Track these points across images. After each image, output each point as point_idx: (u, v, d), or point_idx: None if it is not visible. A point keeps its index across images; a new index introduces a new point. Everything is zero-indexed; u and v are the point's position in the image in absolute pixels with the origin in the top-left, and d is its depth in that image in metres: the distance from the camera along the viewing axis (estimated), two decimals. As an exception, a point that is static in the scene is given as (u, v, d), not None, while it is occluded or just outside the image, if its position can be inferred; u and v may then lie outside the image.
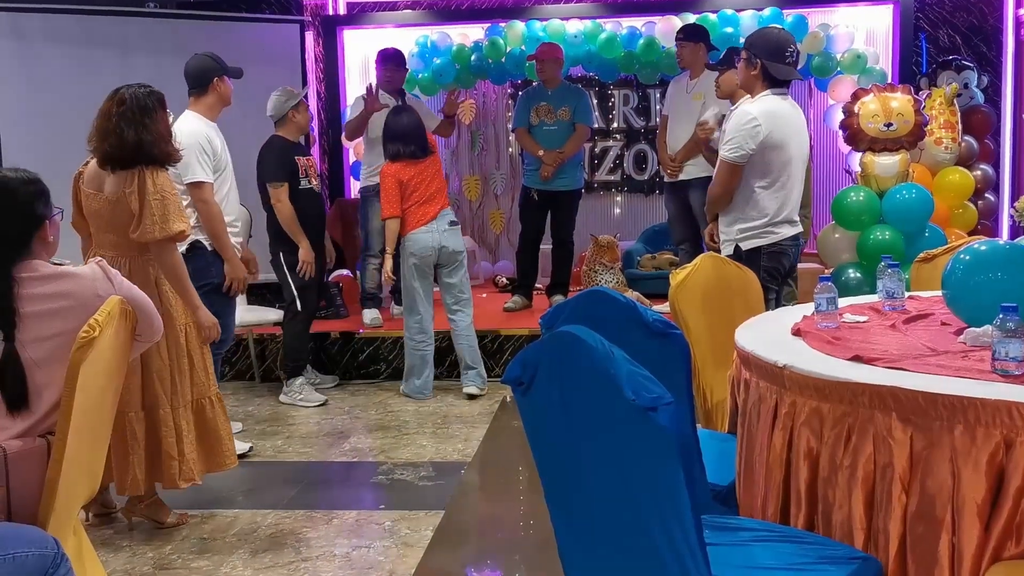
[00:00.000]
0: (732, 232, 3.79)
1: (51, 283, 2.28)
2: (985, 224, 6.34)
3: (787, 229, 3.77)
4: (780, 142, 3.66)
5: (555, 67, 6.19)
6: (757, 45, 3.71)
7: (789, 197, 3.75)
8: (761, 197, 3.70)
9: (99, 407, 2.25)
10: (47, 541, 1.90)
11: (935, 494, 1.77)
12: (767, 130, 3.60)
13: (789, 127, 3.70)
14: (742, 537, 1.96)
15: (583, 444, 1.66)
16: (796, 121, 3.76)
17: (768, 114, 3.62)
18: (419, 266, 5.11)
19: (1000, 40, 6.94)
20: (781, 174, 3.71)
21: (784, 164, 3.70)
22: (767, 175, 3.69)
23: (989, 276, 2.24)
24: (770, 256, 3.74)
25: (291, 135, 5.07)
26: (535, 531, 3.33)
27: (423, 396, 5.27)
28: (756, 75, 3.69)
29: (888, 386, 1.85)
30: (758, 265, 3.63)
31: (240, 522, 3.49)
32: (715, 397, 2.98)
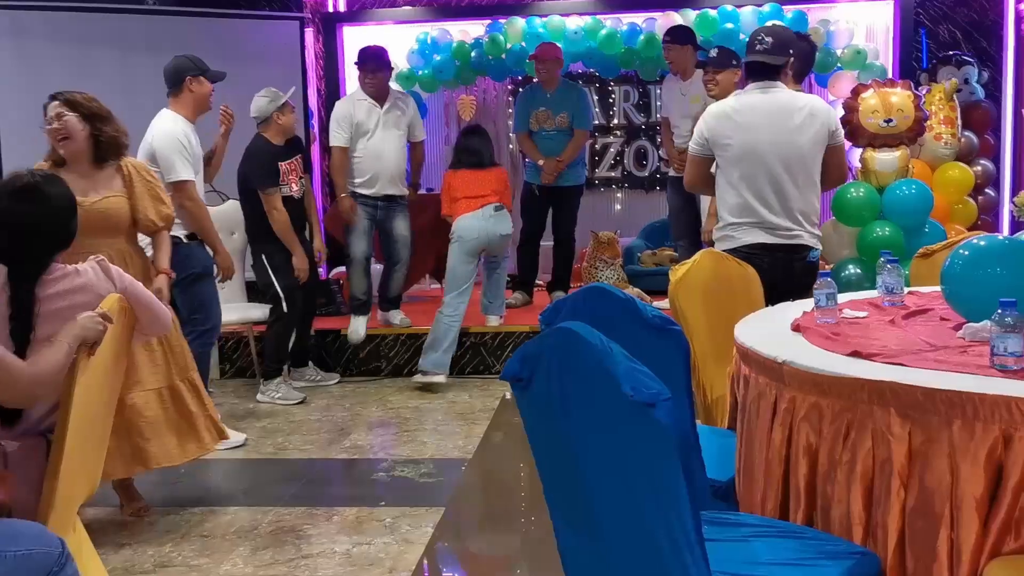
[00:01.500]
0: (715, 233, 3.69)
1: (61, 282, 2.29)
2: (986, 219, 6.34)
3: (754, 235, 3.44)
4: (727, 137, 3.48)
5: (555, 67, 6.20)
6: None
7: (752, 198, 3.44)
8: (721, 196, 3.56)
9: (98, 405, 2.26)
10: (52, 539, 1.91)
11: (934, 489, 1.76)
12: (711, 125, 3.52)
13: (746, 122, 3.45)
14: (741, 533, 1.96)
15: (582, 440, 1.66)
16: (766, 116, 3.44)
17: (719, 107, 3.58)
18: (465, 249, 5.36)
19: (1000, 35, 6.92)
20: (735, 171, 3.47)
21: (737, 161, 3.46)
22: (724, 172, 3.53)
23: (987, 271, 2.24)
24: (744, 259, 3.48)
25: (275, 137, 5.05)
26: (535, 527, 3.34)
27: (438, 373, 5.30)
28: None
29: (887, 381, 1.84)
30: None
31: (241, 519, 3.49)
32: (715, 393, 2.98)
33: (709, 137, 3.55)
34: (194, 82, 4.23)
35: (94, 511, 3.53)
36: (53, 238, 2.34)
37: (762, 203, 3.46)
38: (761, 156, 3.45)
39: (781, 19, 6.39)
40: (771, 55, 3.49)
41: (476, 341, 5.74)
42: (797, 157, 3.46)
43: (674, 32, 5.84)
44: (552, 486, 1.79)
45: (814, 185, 3.53)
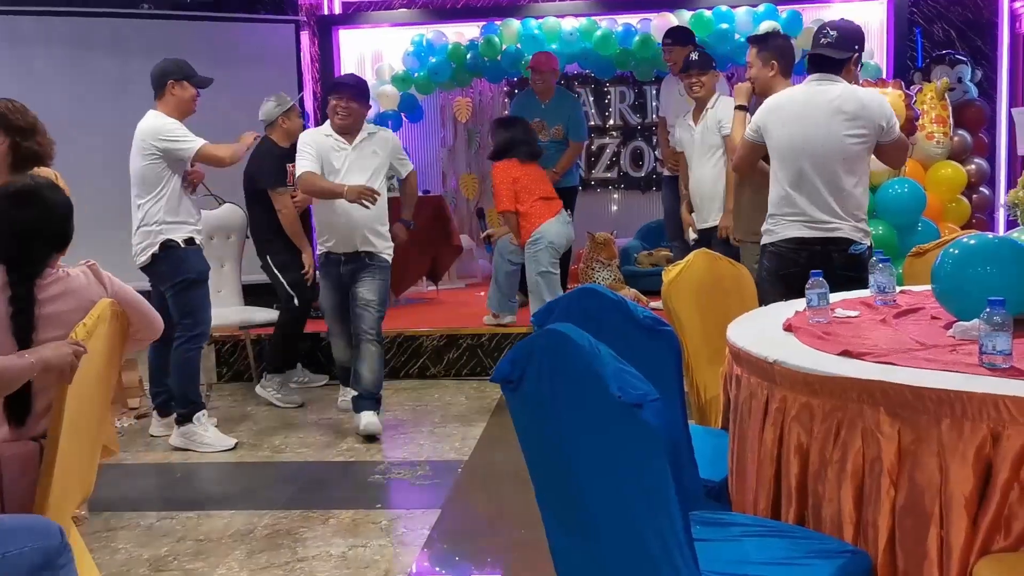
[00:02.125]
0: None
1: (53, 286, 2.29)
2: (980, 218, 6.35)
3: (792, 229, 3.50)
4: (774, 128, 3.55)
5: (552, 78, 6.25)
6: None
7: (792, 191, 3.49)
8: (770, 191, 3.64)
9: (90, 410, 2.26)
10: (50, 529, 1.89)
11: (923, 488, 1.77)
12: (765, 114, 3.61)
13: (791, 114, 3.50)
14: (733, 532, 1.96)
15: (571, 441, 1.66)
16: (814, 108, 3.47)
17: (776, 100, 3.63)
18: (553, 254, 5.39)
19: (995, 34, 6.94)
20: (778, 163, 3.56)
21: (780, 153, 3.54)
22: (772, 164, 3.63)
23: (978, 270, 2.25)
24: (770, 256, 3.59)
25: (281, 140, 5.13)
26: (531, 529, 3.33)
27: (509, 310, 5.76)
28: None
29: (876, 380, 1.85)
30: (764, 262, 3.63)
31: (237, 522, 3.49)
32: (708, 393, 2.99)
33: (761, 125, 3.62)
34: (176, 86, 4.26)
35: (89, 515, 3.53)
36: (51, 241, 2.36)
37: (801, 195, 3.48)
38: (802, 149, 3.47)
39: (776, 19, 6.40)
40: (834, 48, 3.51)
41: (472, 343, 5.75)
42: (839, 151, 3.45)
43: (674, 33, 5.86)
44: (543, 487, 1.80)
45: (858, 179, 3.49)
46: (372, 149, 4.50)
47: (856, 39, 3.65)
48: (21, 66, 6.40)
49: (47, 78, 6.42)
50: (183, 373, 4.36)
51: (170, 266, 4.24)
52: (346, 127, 4.45)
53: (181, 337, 4.31)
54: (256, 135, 4.73)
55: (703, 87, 4.79)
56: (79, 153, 6.23)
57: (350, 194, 4.27)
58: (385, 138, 4.62)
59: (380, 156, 4.52)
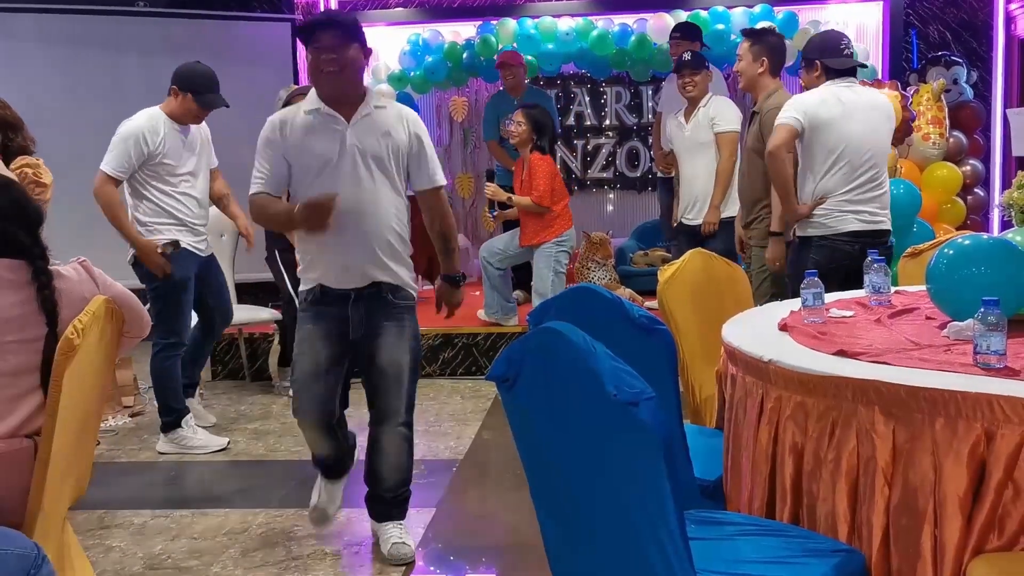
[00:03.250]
0: None
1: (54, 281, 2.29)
2: (975, 219, 6.37)
3: (849, 223, 3.67)
4: (823, 123, 3.65)
5: (520, 72, 6.24)
6: (811, 48, 3.90)
7: (846, 185, 3.66)
8: (807, 183, 3.73)
9: (85, 408, 2.25)
10: (26, 542, 1.90)
11: (917, 487, 1.78)
12: (812, 107, 3.66)
13: (838, 111, 3.66)
14: (727, 531, 1.97)
15: (567, 440, 1.66)
16: (855, 107, 3.68)
17: (816, 94, 3.70)
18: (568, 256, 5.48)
19: (990, 36, 6.96)
20: (826, 159, 3.68)
21: (827, 147, 3.67)
22: (814, 159, 3.70)
23: (972, 270, 2.26)
24: (820, 248, 3.69)
25: None
26: (526, 528, 3.34)
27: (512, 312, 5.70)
28: (818, 75, 3.81)
29: (871, 380, 1.86)
30: (808, 255, 3.66)
31: (231, 521, 3.49)
32: (703, 392, 2.99)
33: (811, 114, 3.66)
34: (178, 95, 4.15)
35: (83, 514, 3.52)
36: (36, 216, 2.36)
37: (860, 190, 3.69)
38: (863, 145, 3.69)
39: (772, 20, 6.41)
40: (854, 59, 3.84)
41: (468, 342, 5.75)
42: (881, 148, 3.79)
43: (683, 28, 5.89)
44: (538, 485, 1.80)
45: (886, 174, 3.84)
46: (384, 129, 2.92)
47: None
48: (16, 63, 6.39)
49: (42, 75, 6.42)
50: (161, 383, 4.26)
51: (146, 269, 4.16)
52: (338, 88, 2.85)
53: (157, 346, 4.23)
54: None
55: (695, 87, 4.85)
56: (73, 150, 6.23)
57: (299, 219, 2.83)
58: (403, 116, 3.00)
59: (393, 140, 2.93)
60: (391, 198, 2.95)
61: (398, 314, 2.99)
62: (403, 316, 3.01)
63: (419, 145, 2.98)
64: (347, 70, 2.84)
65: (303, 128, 2.90)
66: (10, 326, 2.20)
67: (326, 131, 2.89)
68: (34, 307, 2.22)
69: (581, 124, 7.83)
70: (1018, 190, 2.53)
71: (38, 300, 2.22)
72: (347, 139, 2.89)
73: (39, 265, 2.24)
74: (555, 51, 6.85)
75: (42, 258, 2.27)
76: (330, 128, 2.89)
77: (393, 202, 2.96)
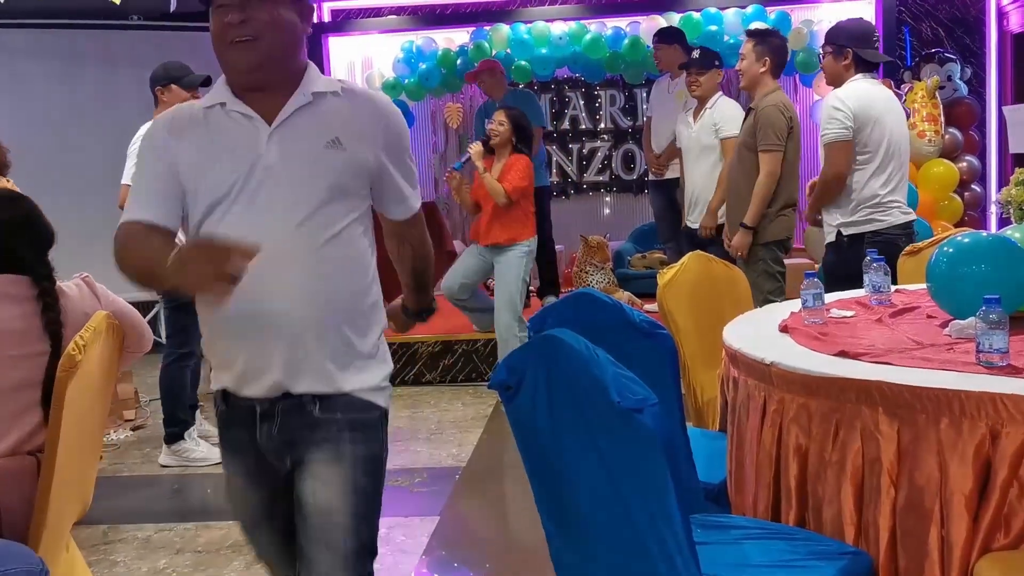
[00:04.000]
0: (832, 220, 3.76)
1: None
2: (972, 215, 6.37)
3: (895, 215, 3.71)
4: (873, 120, 3.64)
5: (497, 76, 6.18)
6: (843, 35, 3.76)
7: (892, 179, 3.69)
8: (858, 180, 3.67)
9: (87, 423, 2.25)
10: (32, 558, 1.90)
11: (923, 487, 1.77)
12: (855, 106, 3.62)
13: (881, 107, 3.68)
14: (733, 535, 1.96)
15: (570, 447, 1.66)
16: (890, 103, 3.74)
17: (855, 92, 3.66)
18: None
19: (983, 32, 6.97)
20: (877, 154, 3.66)
21: (879, 143, 3.65)
22: (863, 156, 3.66)
23: (972, 268, 2.25)
24: (872, 244, 3.61)
25: None
26: (530, 535, 3.33)
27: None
28: (848, 64, 3.73)
29: (874, 380, 1.85)
30: (860, 254, 3.57)
31: (235, 533, 3.48)
32: (705, 395, 2.99)
33: (858, 115, 3.62)
34: (165, 92, 4.19)
35: (87, 530, 3.51)
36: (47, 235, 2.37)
37: (899, 184, 3.73)
38: (897, 141, 3.73)
39: (764, 20, 6.42)
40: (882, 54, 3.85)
41: (468, 348, 5.74)
42: (907, 142, 3.86)
43: (662, 32, 5.90)
44: (543, 493, 1.79)
45: None
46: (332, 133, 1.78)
47: None
48: (12, 78, 6.40)
49: (38, 90, 6.42)
50: (171, 392, 4.26)
51: None
52: (254, 67, 1.76)
53: (170, 355, 4.23)
54: None
55: (700, 87, 4.82)
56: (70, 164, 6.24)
57: (172, 271, 1.55)
58: (374, 108, 1.85)
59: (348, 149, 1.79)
60: (340, 250, 1.80)
61: (333, 435, 1.81)
62: (341, 438, 1.82)
63: (394, 157, 1.86)
64: (268, 38, 1.74)
65: (200, 133, 1.79)
66: (11, 340, 2.19)
67: (233, 138, 1.77)
68: (36, 322, 2.22)
69: (576, 128, 7.83)
70: (1016, 187, 2.53)
71: (42, 319, 2.22)
72: (264, 151, 1.76)
73: (44, 286, 2.24)
74: (549, 55, 6.85)
75: (48, 279, 2.27)
76: (240, 132, 1.78)
77: (345, 255, 1.81)
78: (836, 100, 3.66)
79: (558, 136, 7.81)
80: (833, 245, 3.79)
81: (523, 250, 5.08)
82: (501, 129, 5.05)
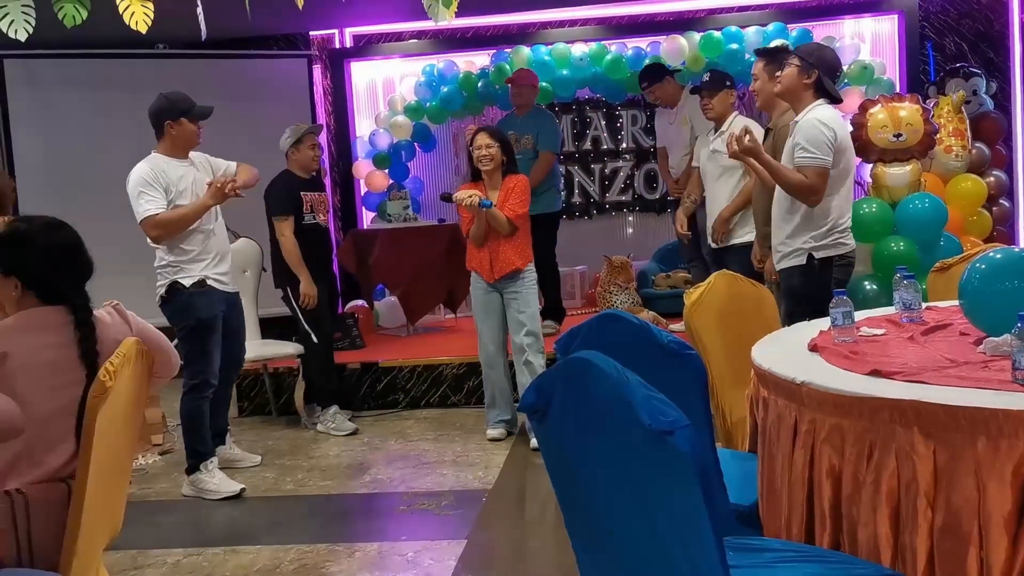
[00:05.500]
0: (800, 242, 3.68)
1: None
2: (1001, 230, 6.30)
3: (852, 239, 3.77)
4: (846, 147, 3.68)
5: (529, 93, 6.19)
6: (815, 56, 3.71)
7: (849, 207, 3.76)
8: (832, 205, 3.65)
9: (117, 448, 2.26)
10: None
11: (961, 508, 1.74)
12: (839, 135, 3.61)
13: (848, 137, 3.74)
14: (767, 558, 1.93)
15: (601, 470, 1.64)
16: (848, 132, 3.81)
17: (834, 120, 3.64)
18: None
19: (1007, 45, 6.92)
20: (847, 180, 3.70)
21: (848, 170, 3.71)
22: (834, 182, 3.62)
23: (1006, 284, 2.22)
24: (841, 268, 3.70)
25: (296, 170, 5.18)
26: (558, 558, 3.31)
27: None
28: (809, 84, 3.65)
29: (908, 400, 1.82)
30: (829, 275, 3.63)
31: (263, 558, 3.48)
32: (734, 416, 2.96)
33: (839, 144, 3.60)
34: (174, 126, 4.19)
35: (117, 555, 3.52)
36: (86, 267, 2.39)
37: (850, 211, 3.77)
38: (853, 164, 3.79)
39: (786, 37, 6.41)
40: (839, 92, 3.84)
41: (493, 370, 5.72)
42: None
43: (645, 74, 5.92)
44: (572, 517, 1.78)
45: None
46: None
47: None
48: (40, 107, 6.50)
49: (65, 119, 6.52)
50: (191, 423, 4.24)
51: (174, 310, 4.17)
52: None
53: (185, 386, 4.22)
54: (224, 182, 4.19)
55: (712, 109, 4.88)
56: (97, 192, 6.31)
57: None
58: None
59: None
60: None
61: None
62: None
63: None
64: None
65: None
66: (49, 370, 2.22)
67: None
68: (73, 352, 2.24)
69: (598, 148, 7.84)
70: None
71: (79, 349, 2.24)
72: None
73: (81, 317, 2.27)
74: (570, 77, 6.88)
75: (85, 308, 2.29)
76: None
77: None
78: (822, 124, 3.54)
79: (580, 156, 7.81)
80: (801, 268, 3.67)
81: (533, 276, 4.79)
82: (492, 152, 4.65)
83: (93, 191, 6.28)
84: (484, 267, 4.73)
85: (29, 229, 2.35)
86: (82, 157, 6.48)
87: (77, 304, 2.28)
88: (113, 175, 6.40)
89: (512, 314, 4.73)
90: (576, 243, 7.64)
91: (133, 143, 6.55)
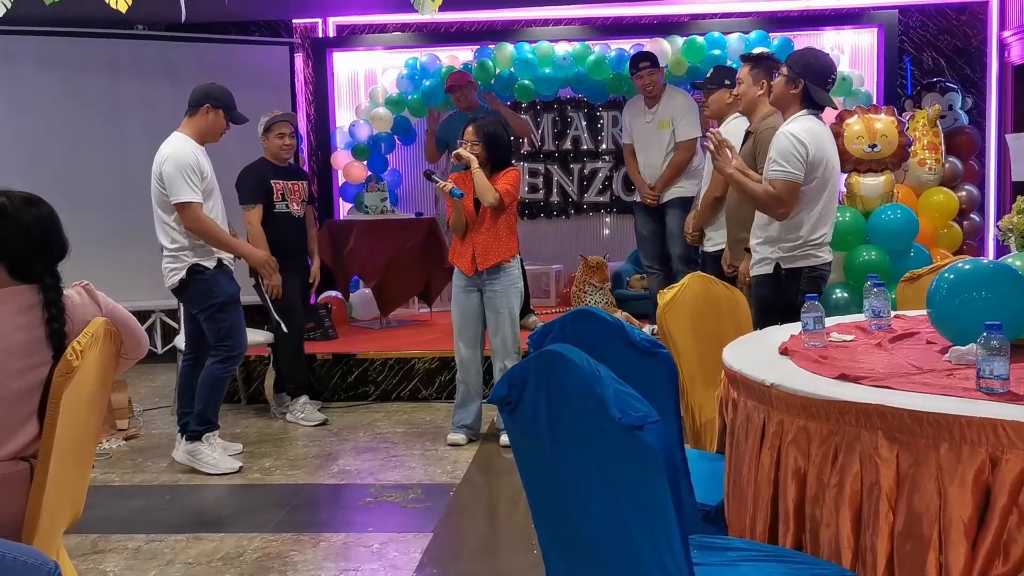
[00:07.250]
0: (770, 251, 3.64)
1: None
2: (971, 244, 6.38)
3: (827, 253, 3.67)
4: (823, 163, 3.55)
5: (471, 90, 6.18)
6: (801, 65, 3.61)
7: (828, 217, 3.64)
8: (803, 218, 3.57)
9: (82, 429, 2.23)
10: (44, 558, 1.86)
11: (922, 512, 1.76)
12: (813, 150, 3.50)
13: (829, 149, 3.61)
14: (730, 557, 1.95)
15: (569, 463, 1.65)
16: (832, 142, 3.67)
17: (810, 133, 3.52)
18: None
19: (984, 62, 7.01)
20: (822, 196, 3.58)
21: (825, 185, 3.58)
22: (809, 195, 3.55)
23: (973, 295, 2.25)
24: (810, 280, 3.60)
25: (270, 158, 5.19)
26: (524, 553, 3.31)
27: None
28: (796, 94, 3.58)
29: (874, 404, 1.85)
30: (797, 287, 3.54)
31: (226, 546, 3.45)
32: (704, 416, 2.98)
33: (813, 160, 3.50)
34: (212, 112, 4.28)
35: (77, 538, 3.48)
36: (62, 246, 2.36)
37: (830, 224, 3.68)
38: (836, 181, 3.71)
39: (767, 45, 6.46)
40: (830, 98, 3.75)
41: (465, 365, 5.72)
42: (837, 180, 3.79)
43: (651, 56, 5.88)
44: (540, 510, 1.78)
45: None
46: None
47: None
48: (15, 86, 6.40)
49: (41, 98, 6.42)
50: (210, 392, 4.34)
51: (199, 291, 4.25)
52: None
53: (217, 356, 4.32)
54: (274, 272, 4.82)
55: (708, 108, 4.94)
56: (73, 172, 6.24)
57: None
58: None
59: None
60: None
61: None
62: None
63: None
64: None
65: None
66: (17, 351, 2.19)
67: None
68: (41, 332, 2.21)
69: (578, 148, 7.85)
70: (1018, 215, 2.54)
71: (46, 329, 2.21)
72: None
73: (51, 297, 2.24)
74: (552, 75, 6.88)
75: (55, 288, 2.26)
76: None
77: None
78: (794, 139, 3.49)
79: (559, 156, 7.83)
80: (770, 278, 3.65)
81: (517, 272, 4.67)
82: (477, 150, 4.53)
83: (67, 170, 6.20)
84: (466, 260, 4.61)
85: (8, 203, 2.32)
86: (57, 136, 6.40)
87: (48, 284, 2.25)
88: (87, 154, 6.36)
89: (490, 315, 4.62)
90: (552, 242, 7.65)
91: (108, 123, 6.54)
